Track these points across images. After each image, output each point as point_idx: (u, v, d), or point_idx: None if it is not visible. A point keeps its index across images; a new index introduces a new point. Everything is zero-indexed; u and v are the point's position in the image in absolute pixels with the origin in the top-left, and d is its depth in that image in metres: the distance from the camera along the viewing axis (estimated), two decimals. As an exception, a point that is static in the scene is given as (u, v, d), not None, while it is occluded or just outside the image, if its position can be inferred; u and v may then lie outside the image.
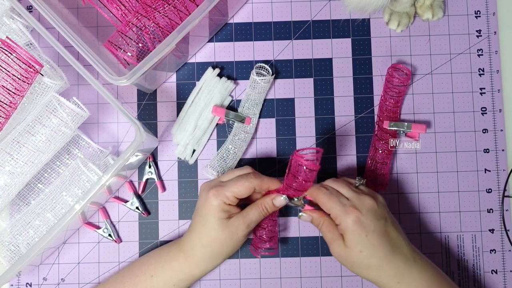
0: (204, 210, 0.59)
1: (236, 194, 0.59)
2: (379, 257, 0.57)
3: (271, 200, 0.60)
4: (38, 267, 0.69)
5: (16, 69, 0.58)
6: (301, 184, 0.57)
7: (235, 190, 0.58)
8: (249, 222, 0.59)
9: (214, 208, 0.58)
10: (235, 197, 0.59)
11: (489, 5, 0.72)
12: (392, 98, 0.69)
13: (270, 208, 0.60)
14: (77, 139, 0.69)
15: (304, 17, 0.72)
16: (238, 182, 0.59)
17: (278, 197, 0.60)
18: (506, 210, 0.69)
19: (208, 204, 0.59)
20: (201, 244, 0.60)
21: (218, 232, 0.59)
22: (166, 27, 0.62)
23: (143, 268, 0.62)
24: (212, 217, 0.59)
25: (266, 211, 0.60)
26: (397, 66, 0.69)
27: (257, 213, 0.60)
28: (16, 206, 0.67)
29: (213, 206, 0.58)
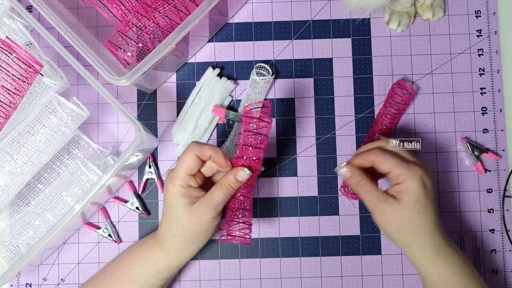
0: (167, 201, 0.58)
1: (186, 171, 0.56)
2: (431, 222, 0.55)
3: (234, 176, 0.56)
4: (38, 267, 0.69)
5: (16, 69, 0.58)
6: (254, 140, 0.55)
7: (182, 168, 0.56)
8: (215, 205, 0.56)
9: (174, 196, 0.57)
10: (188, 175, 0.56)
11: (489, 5, 0.72)
12: (390, 114, 0.69)
13: (234, 184, 0.56)
14: (77, 139, 0.69)
15: (304, 17, 0.72)
16: (181, 159, 0.57)
17: (240, 171, 0.56)
18: (507, 210, 0.69)
19: (168, 194, 0.57)
20: (170, 235, 0.59)
21: (184, 220, 0.57)
22: (166, 27, 0.62)
23: (122, 262, 0.63)
24: (175, 205, 0.57)
25: (231, 189, 0.57)
26: (401, 84, 0.69)
27: (221, 193, 0.56)
28: (16, 206, 0.67)
29: (173, 194, 0.57)
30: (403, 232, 0.56)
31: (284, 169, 0.70)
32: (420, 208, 0.55)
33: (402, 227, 0.55)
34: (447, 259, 0.57)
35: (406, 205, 0.55)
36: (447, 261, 0.57)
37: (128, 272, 0.61)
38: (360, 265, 0.68)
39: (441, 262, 0.56)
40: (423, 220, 0.55)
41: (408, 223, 0.55)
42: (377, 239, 0.69)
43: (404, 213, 0.55)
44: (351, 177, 0.57)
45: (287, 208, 0.69)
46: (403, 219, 0.55)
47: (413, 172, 0.55)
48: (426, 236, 0.56)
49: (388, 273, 0.68)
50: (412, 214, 0.55)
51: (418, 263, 0.57)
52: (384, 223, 0.56)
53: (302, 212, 0.69)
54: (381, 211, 0.55)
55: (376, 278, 0.68)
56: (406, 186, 0.55)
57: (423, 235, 0.56)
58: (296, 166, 0.70)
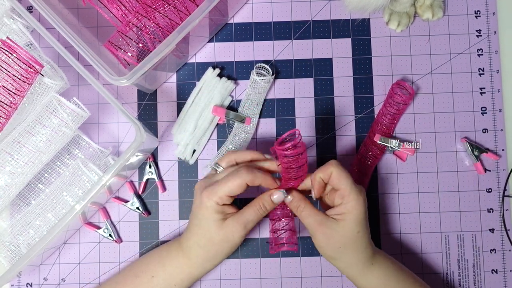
0: (199, 213, 0.58)
1: (228, 193, 0.57)
2: (367, 238, 0.59)
3: (269, 196, 0.58)
4: (38, 267, 0.69)
5: (16, 69, 0.58)
6: (297, 172, 0.56)
7: (226, 189, 0.56)
8: (246, 223, 0.58)
9: (208, 210, 0.57)
10: (228, 196, 0.57)
11: (489, 5, 0.72)
12: (390, 114, 0.69)
13: (269, 205, 0.59)
14: (78, 139, 0.69)
15: (304, 17, 0.72)
16: (229, 181, 0.57)
17: (276, 192, 0.58)
18: (506, 210, 0.69)
19: (202, 206, 0.57)
20: (198, 245, 0.59)
21: (213, 234, 0.58)
22: (166, 27, 0.62)
23: (143, 268, 0.62)
24: (207, 219, 0.57)
25: (264, 209, 0.59)
26: (401, 84, 0.69)
27: (253, 213, 0.58)
28: (17, 206, 0.67)
29: (207, 208, 0.57)
30: (343, 251, 0.58)
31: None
32: (360, 227, 0.58)
33: (343, 246, 0.57)
34: (380, 265, 0.60)
35: (348, 226, 0.57)
36: (381, 267, 0.60)
37: (150, 280, 0.61)
38: (360, 264, 0.68)
39: (376, 268, 0.60)
40: (361, 238, 0.58)
41: (349, 242, 0.57)
42: (377, 239, 0.69)
43: (345, 234, 0.57)
44: (292, 202, 0.59)
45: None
46: (344, 238, 0.57)
47: (360, 195, 0.57)
48: (363, 250, 0.59)
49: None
50: (352, 234, 0.57)
51: (354, 274, 0.60)
52: (326, 244, 0.58)
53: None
54: (323, 234, 0.57)
55: (376, 278, 0.68)
56: (351, 208, 0.57)
57: (360, 250, 0.58)
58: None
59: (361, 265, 0.59)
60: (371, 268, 0.59)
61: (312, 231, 0.58)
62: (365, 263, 0.59)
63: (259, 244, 0.69)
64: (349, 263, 0.59)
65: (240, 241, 0.59)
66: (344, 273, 0.61)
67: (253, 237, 0.69)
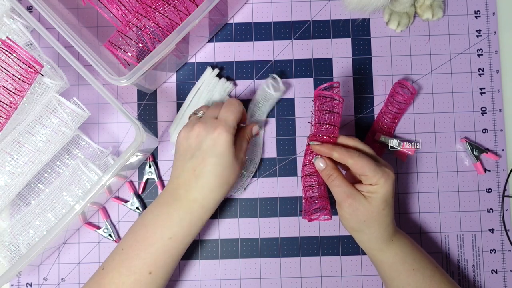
0: (218, 149, 0.57)
1: (237, 121, 0.59)
2: (391, 216, 0.60)
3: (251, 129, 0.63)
4: (38, 267, 0.69)
5: (16, 69, 0.58)
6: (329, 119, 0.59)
7: (235, 118, 0.59)
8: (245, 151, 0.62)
9: (229, 144, 0.57)
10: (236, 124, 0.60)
11: (489, 5, 0.72)
12: (391, 113, 0.69)
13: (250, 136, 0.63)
14: (77, 139, 0.69)
15: (304, 17, 0.72)
16: (233, 109, 0.60)
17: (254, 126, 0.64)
18: (506, 210, 0.69)
19: (222, 142, 0.57)
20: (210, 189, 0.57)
21: (226, 170, 0.58)
22: (166, 27, 0.62)
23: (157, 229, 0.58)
24: (229, 152, 0.57)
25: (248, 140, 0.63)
26: (403, 83, 0.69)
27: (245, 143, 0.62)
28: (16, 206, 0.67)
29: (228, 142, 0.57)
30: (367, 225, 0.59)
31: (284, 169, 0.70)
32: (385, 205, 0.59)
33: (367, 220, 0.59)
34: (399, 242, 0.61)
35: (375, 203, 0.58)
36: (400, 244, 0.61)
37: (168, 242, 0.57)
38: (359, 264, 0.68)
39: (395, 245, 0.61)
40: (385, 215, 0.59)
41: (373, 217, 0.59)
42: (377, 239, 0.69)
43: (371, 209, 0.58)
44: (324, 170, 0.61)
45: (287, 208, 0.69)
46: (369, 213, 0.58)
47: (387, 176, 0.58)
48: (385, 227, 0.60)
49: (388, 272, 0.68)
50: (378, 211, 0.58)
51: (374, 248, 0.61)
52: (351, 216, 0.59)
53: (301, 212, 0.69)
54: (350, 205, 0.58)
55: (376, 278, 0.68)
56: (379, 188, 0.58)
57: (383, 226, 0.60)
58: (296, 166, 0.70)
59: (381, 240, 0.60)
60: (390, 244, 0.61)
61: (340, 201, 0.59)
62: (386, 239, 0.60)
63: (259, 244, 0.69)
64: (370, 237, 0.60)
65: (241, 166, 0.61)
66: (363, 246, 0.62)
67: (253, 237, 0.69)
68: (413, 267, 0.61)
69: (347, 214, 0.59)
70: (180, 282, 0.69)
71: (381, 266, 0.62)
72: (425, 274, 0.61)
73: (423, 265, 0.61)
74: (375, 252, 0.61)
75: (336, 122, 0.60)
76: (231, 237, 0.69)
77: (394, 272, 0.61)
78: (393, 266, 0.61)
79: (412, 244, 0.62)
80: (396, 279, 0.61)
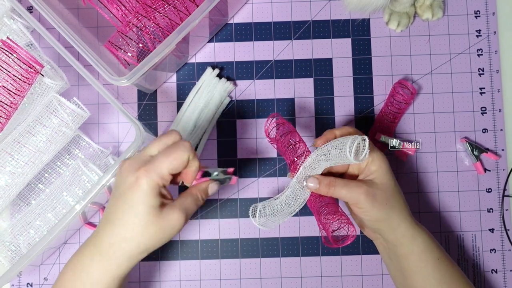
0: (130, 195, 0.47)
1: (171, 169, 0.48)
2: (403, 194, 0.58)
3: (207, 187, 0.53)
4: (39, 267, 0.69)
5: (16, 69, 0.58)
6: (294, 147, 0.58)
7: (169, 165, 0.48)
8: (188, 213, 0.50)
9: (145, 193, 0.47)
10: (170, 173, 0.49)
11: (488, 5, 0.72)
12: (391, 113, 0.69)
13: (205, 196, 0.53)
14: (78, 139, 0.69)
15: (304, 17, 0.72)
16: (171, 154, 0.48)
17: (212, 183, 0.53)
18: (506, 210, 0.69)
19: (137, 188, 0.47)
20: (123, 238, 0.48)
21: (147, 224, 0.48)
22: (166, 28, 0.62)
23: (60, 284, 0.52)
24: (142, 204, 0.47)
25: (201, 200, 0.52)
26: (403, 83, 0.69)
27: (193, 202, 0.51)
28: (17, 206, 0.67)
29: (143, 190, 0.47)
30: (391, 207, 0.56)
31: (284, 169, 0.70)
32: (394, 180, 0.57)
33: (389, 201, 0.56)
34: (424, 229, 0.59)
35: (385, 179, 0.56)
36: (426, 231, 0.59)
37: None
38: (360, 264, 0.69)
39: (423, 231, 0.59)
40: (399, 191, 0.58)
41: (392, 195, 0.56)
42: (377, 239, 0.69)
43: (386, 188, 0.56)
44: (320, 185, 0.56)
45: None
46: (387, 193, 0.56)
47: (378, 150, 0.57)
48: (405, 206, 0.58)
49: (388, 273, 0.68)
50: (392, 187, 0.56)
51: (406, 235, 0.57)
52: (372, 205, 0.55)
53: (302, 211, 0.69)
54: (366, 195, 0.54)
55: (376, 278, 0.68)
56: (379, 162, 0.56)
57: (404, 205, 0.58)
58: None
59: (410, 224, 0.57)
60: (419, 229, 0.58)
61: (354, 198, 0.55)
62: (411, 220, 0.58)
63: (259, 244, 0.69)
64: (399, 221, 0.57)
65: (178, 231, 0.50)
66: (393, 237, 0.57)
67: (253, 237, 0.69)
68: (438, 256, 0.58)
69: (368, 205, 0.54)
70: (180, 282, 0.69)
71: (409, 258, 0.57)
72: (448, 266, 0.58)
73: (444, 256, 0.59)
74: (406, 240, 0.57)
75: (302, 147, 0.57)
76: (231, 237, 0.69)
77: (423, 262, 0.57)
78: (422, 255, 0.57)
79: (431, 234, 0.60)
80: (423, 272, 0.57)
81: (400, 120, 0.70)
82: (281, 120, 0.60)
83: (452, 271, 0.59)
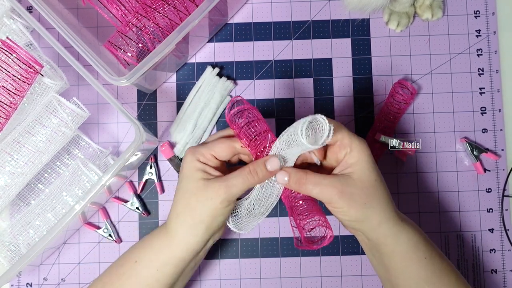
0: (181, 174, 0.53)
1: (214, 152, 0.52)
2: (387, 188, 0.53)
3: (263, 163, 0.51)
4: (38, 267, 0.69)
5: (16, 69, 0.58)
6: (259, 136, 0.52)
7: (211, 147, 0.52)
8: (230, 186, 0.50)
9: (190, 168, 0.52)
10: (213, 155, 0.52)
11: (488, 5, 0.72)
12: (391, 113, 0.69)
13: (262, 172, 0.51)
14: (77, 139, 0.69)
15: (304, 17, 0.72)
16: (217, 141, 0.53)
17: (273, 158, 0.50)
18: (506, 210, 0.69)
19: (184, 166, 0.52)
20: (176, 214, 0.52)
21: (191, 195, 0.51)
22: (166, 28, 0.62)
23: (128, 254, 0.56)
24: (188, 178, 0.51)
25: (256, 176, 0.50)
26: (403, 83, 0.69)
27: (242, 177, 0.50)
28: (17, 206, 0.67)
29: (188, 166, 0.52)
30: (369, 206, 0.51)
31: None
32: (375, 174, 0.52)
33: (367, 200, 0.51)
34: (411, 227, 0.54)
35: (363, 175, 0.51)
36: (412, 229, 0.54)
37: (133, 266, 0.54)
38: (359, 264, 0.69)
39: (407, 229, 0.54)
40: (382, 186, 0.52)
41: (371, 193, 0.51)
42: (377, 239, 0.69)
43: (364, 184, 0.51)
44: (290, 179, 0.51)
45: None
46: (365, 190, 0.51)
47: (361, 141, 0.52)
48: (387, 203, 0.53)
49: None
50: (371, 183, 0.51)
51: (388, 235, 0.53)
52: (349, 205, 0.50)
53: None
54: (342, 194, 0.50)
55: (376, 278, 0.68)
56: (357, 154, 0.51)
57: (385, 202, 0.52)
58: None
59: (393, 221, 0.53)
60: (403, 227, 0.53)
61: (329, 197, 0.50)
62: (397, 220, 0.53)
63: (259, 244, 0.69)
64: (378, 219, 0.52)
65: (221, 211, 0.51)
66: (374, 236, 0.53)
67: (253, 237, 0.69)
68: (425, 255, 0.54)
69: (344, 205, 0.50)
70: (180, 282, 0.69)
71: (392, 257, 0.54)
72: (435, 264, 0.54)
73: (433, 253, 0.55)
74: (389, 239, 0.53)
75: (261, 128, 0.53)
76: (231, 237, 0.69)
77: (407, 261, 0.53)
78: (407, 254, 0.53)
79: (420, 231, 0.56)
80: (407, 271, 0.53)
81: (400, 120, 0.70)
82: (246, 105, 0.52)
83: (441, 269, 0.54)
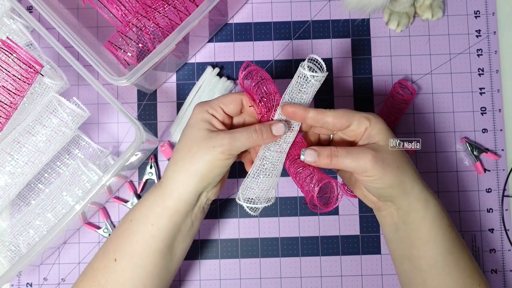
0: (187, 124, 0.53)
1: (222, 104, 0.53)
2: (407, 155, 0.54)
3: (269, 126, 0.52)
4: (38, 267, 0.69)
5: (16, 69, 0.58)
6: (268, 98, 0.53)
7: (220, 99, 0.53)
8: (233, 140, 0.50)
9: (196, 117, 0.52)
10: (221, 108, 0.53)
11: (488, 5, 0.72)
12: (391, 113, 0.69)
13: (266, 133, 0.51)
14: (77, 139, 0.69)
15: (304, 17, 0.72)
16: (228, 95, 0.54)
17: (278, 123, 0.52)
18: (506, 210, 0.69)
19: (192, 116, 0.53)
20: (175, 160, 0.52)
21: (194, 143, 0.51)
22: (166, 28, 0.62)
23: (126, 215, 0.56)
24: (192, 126, 0.52)
25: (260, 136, 0.51)
26: (403, 83, 0.69)
27: (246, 134, 0.51)
28: (17, 206, 0.67)
29: (195, 115, 0.52)
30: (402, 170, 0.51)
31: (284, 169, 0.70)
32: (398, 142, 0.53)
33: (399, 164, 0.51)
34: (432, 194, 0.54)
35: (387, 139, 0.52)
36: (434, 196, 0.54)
37: (129, 224, 0.53)
38: (359, 264, 0.69)
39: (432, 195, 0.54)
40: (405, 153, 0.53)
41: (400, 155, 0.52)
42: (377, 239, 0.69)
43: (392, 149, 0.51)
44: (320, 157, 0.51)
45: (287, 208, 0.69)
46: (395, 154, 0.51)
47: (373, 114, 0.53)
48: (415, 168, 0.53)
49: (388, 272, 0.68)
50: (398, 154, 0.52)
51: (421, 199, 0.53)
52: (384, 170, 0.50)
53: (302, 212, 0.69)
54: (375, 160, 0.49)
55: (376, 278, 0.68)
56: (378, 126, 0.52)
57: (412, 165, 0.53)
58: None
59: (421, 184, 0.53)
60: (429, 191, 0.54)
61: (361, 167, 0.50)
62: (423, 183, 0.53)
63: (259, 244, 0.69)
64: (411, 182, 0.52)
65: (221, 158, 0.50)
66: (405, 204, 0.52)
67: (253, 237, 0.69)
68: (448, 224, 0.54)
69: (379, 173, 0.50)
70: (180, 282, 0.69)
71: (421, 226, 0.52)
72: (456, 234, 0.54)
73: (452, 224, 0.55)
74: (420, 205, 0.52)
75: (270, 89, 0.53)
76: (231, 237, 0.69)
77: (435, 229, 0.53)
78: (434, 222, 0.53)
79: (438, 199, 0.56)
80: (434, 240, 0.53)
81: (400, 120, 0.70)
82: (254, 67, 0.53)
83: (460, 240, 0.55)
